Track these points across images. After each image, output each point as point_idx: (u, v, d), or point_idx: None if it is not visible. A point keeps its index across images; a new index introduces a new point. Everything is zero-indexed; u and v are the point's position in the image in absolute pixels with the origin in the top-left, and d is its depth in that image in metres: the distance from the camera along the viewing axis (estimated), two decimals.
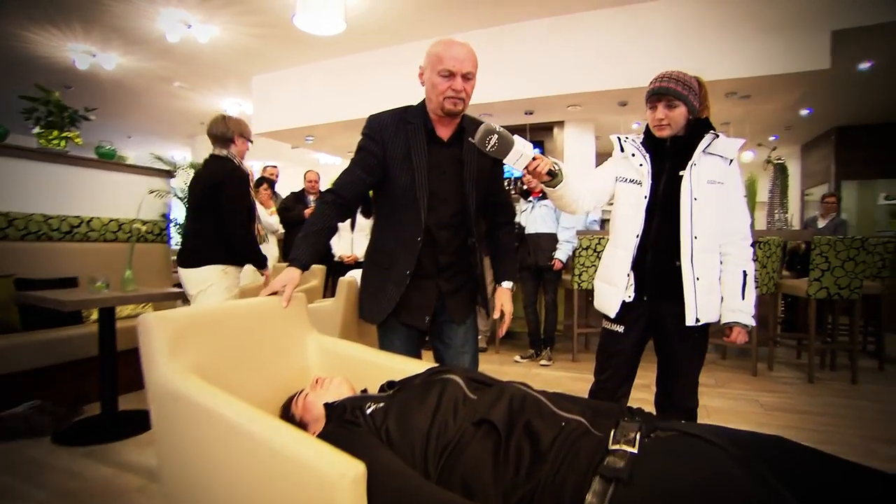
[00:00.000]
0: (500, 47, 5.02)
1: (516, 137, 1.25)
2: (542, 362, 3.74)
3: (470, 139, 1.27)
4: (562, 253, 3.63)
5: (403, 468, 0.83)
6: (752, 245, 1.57)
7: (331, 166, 10.23)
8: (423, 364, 1.31)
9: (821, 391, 3.14)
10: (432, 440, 0.88)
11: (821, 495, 0.73)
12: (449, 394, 0.97)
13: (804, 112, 6.69)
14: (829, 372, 3.61)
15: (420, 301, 1.49)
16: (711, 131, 1.55)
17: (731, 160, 1.55)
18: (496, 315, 1.52)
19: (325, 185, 5.53)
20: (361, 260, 4.07)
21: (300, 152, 9.06)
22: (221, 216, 2.31)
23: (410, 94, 5.61)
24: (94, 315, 2.92)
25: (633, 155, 1.60)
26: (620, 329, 1.62)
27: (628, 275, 1.57)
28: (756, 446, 0.79)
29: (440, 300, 1.52)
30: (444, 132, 1.48)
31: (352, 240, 4.13)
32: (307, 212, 4.47)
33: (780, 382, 3.32)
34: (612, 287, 1.61)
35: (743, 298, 1.51)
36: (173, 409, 0.99)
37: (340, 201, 1.47)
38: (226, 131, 2.41)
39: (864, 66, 4.89)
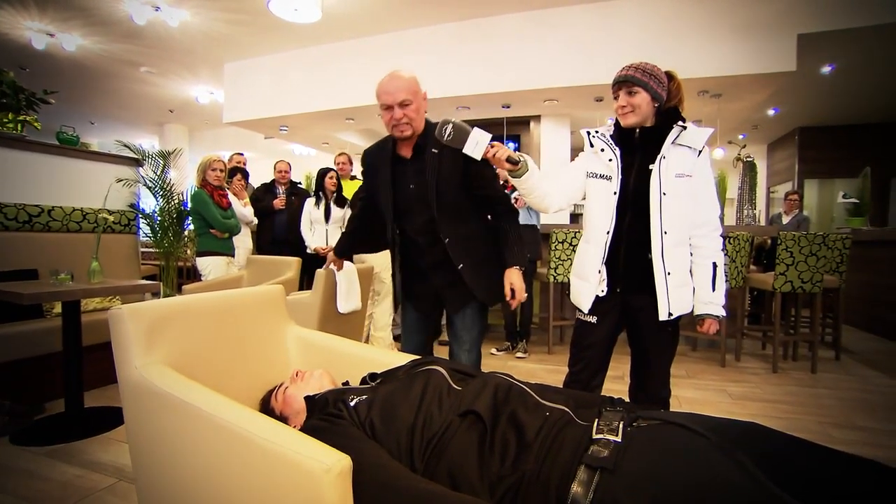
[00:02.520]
0: (476, 41, 5.01)
1: (474, 128, 1.36)
2: (518, 354, 3.78)
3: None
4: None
5: (389, 461, 0.82)
6: (722, 236, 1.57)
7: (305, 157, 10.02)
8: (404, 356, 1.30)
9: (783, 380, 3.28)
10: (417, 432, 0.88)
11: (794, 477, 0.76)
12: (433, 385, 0.96)
13: (771, 112, 6.94)
14: (791, 362, 3.77)
15: (421, 291, 1.77)
16: (679, 122, 1.53)
17: (700, 151, 1.52)
18: (507, 295, 1.64)
19: (296, 176, 5.41)
20: None
21: (273, 143, 8.85)
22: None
23: None
24: (57, 308, 2.79)
25: (603, 150, 1.59)
26: (593, 320, 1.63)
27: (600, 270, 1.58)
28: (734, 433, 0.81)
29: (436, 292, 1.73)
30: (406, 151, 1.64)
31: (326, 232, 4.06)
32: (276, 202, 4.37)
33: (746, 373, 3.45)
34: (585, 282, 1.62)
35: (714, 290, 1.54)
36: (149, 405, 0.96)
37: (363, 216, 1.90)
38: None
39: (827, 69, 5.09)
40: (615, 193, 1.54)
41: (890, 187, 7.54)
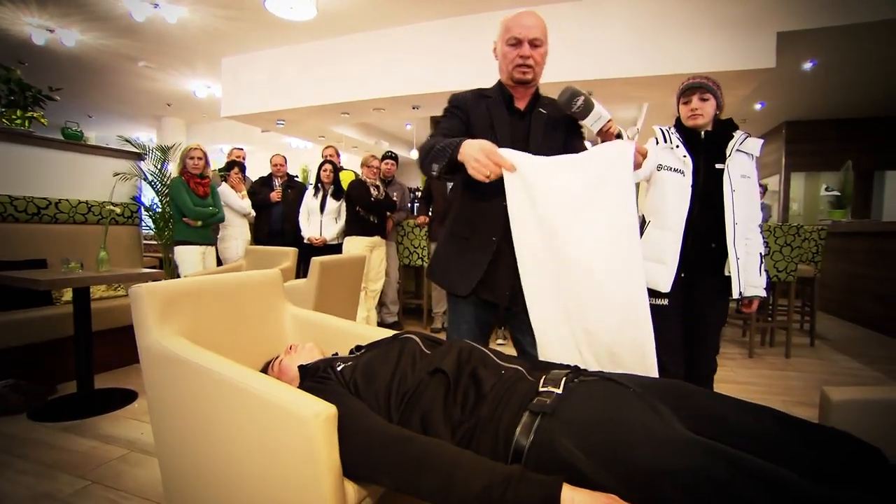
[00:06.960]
0: (469, 37, 5.12)
1: (597, 104, 1.33)
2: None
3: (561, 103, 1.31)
4: None
5: (369, 412, 0.99)
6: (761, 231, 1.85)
7: (302, 150, 10.14)
8: (387, 332, 1.46)
9: (757, 364, 3.47)
10: (394, 389, 1.04)
11: (706, 421, 0.92)
12: (408, 350, 1.13)
13: (758, 106, 7.08)
14: (767, 348, 3.96)
15: (501, 276, 1.43)
16: (740, 130, 1.77)
17: (754, 157, 1.79)
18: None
19: (292, 169, 5.54)
20: (330, 242, 4.17)
21: (270, 136, 8.96)
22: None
23: (382, 80, 5.63)
24: (66, 296, 2.94)
25: (678, 146, 1.79)
26: (665, 302, 1.79)
27: (679, 254, 1.76)
28: (658, 388, 0.98)
29: (517, 279, 1.39)
30: (521, 103, 1.48)
31: (321, 223, 4.20)
32: (273, 195, 4.51)
33: (723, 357, 3.62)
34: (663, 265, 1.77)
35: (760, 276, 1.81)
36: (166, 370, 1.11)
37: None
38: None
39: (808, 65, 5.23)
40: (689, 186, 1.75)
41: (874, 179, 7.71)
